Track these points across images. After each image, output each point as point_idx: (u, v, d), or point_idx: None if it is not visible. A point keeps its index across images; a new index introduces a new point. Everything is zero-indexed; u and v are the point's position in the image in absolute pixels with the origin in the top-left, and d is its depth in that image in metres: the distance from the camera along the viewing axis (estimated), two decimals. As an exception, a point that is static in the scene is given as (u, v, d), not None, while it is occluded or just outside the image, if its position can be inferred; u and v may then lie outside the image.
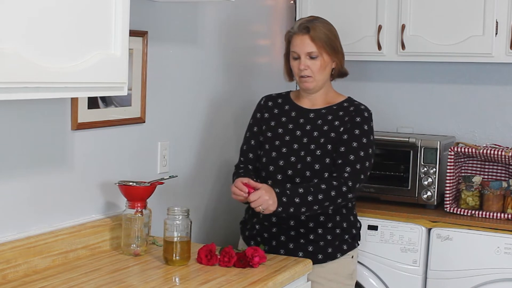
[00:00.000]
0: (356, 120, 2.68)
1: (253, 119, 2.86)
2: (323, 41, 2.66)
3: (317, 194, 2.55)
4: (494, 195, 3.27)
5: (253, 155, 2.80)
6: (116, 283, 2.20)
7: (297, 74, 2.71)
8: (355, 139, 2.66)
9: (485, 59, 3.34)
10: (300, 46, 2.67)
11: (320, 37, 2.66)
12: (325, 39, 2.67)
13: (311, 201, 2.54)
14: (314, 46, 2.66)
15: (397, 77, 3.85)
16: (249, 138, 2.83)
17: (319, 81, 2.70)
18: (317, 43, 2.66)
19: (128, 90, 2.31)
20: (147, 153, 2.86)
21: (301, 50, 2.67)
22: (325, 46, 2.66)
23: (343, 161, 2.63)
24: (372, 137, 2.71)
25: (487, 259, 3.10)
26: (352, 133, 2.66)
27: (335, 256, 2.70)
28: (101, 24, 1.97)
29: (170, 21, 2.93)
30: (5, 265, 2.18)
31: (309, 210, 2.57)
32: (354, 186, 2.62)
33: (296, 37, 2.69)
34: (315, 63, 2.67)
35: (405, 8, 3.43)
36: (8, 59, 1.68)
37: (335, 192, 2.58)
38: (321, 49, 2.66)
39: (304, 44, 2.66)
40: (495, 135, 3.62)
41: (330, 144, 2.66)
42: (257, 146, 2.79)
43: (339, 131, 2.67)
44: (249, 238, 2.79)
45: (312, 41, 2.66)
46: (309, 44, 2.66)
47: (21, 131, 2.28)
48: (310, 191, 2.55)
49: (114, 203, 2.67)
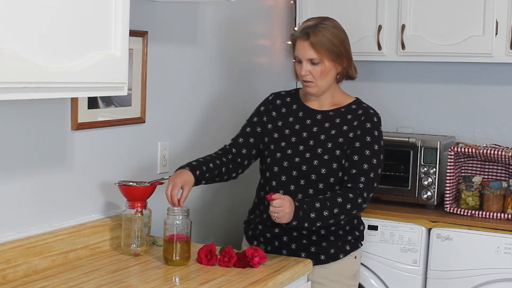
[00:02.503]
0: (366, 126, 2.65)
1: (256, 111, 2.82)
2: (324, 48, 2.59)
3: (333, 209, 2.53)
4: (494, 195, 3.27)
5: (243, 140, 2.75)
6: (116, 283, 2.20)
7: (300, 78, 2.68)
8: (367, 147, 2.63)
9: (485, 59, 3.34)
10: (301, 51, 2.62)
11: (322, 43, 2.59)
12: (327, 45, 2.59)
13: (327, 215, 2.53)
14: (314, 53, 2.59)
15: (397, 77, 3.85)
16: (245, 126, 2.80)
17: (321, 86, 2.65)
18: (317, 49, 2.59)
19: (128, 90, 2.31)
20: (147, 153, 2.86)
21: (303, 56, 2.62)
22: (327, 53, 2.59)
23: (357, 170, 2.60)
24: (382, 142, 2.68)
25: (487, 259, 3.10)
26: (364, 141, 2.63)
27: (338, 256, 2.69)
28: (101, 24, 1.97)
29: (170, 21, 2.93)
30: (5, 265, 2.18)
31: (324, 223, 2.56)
32: (368, 196, 2.62)
33: (298, 42, 2.63)
34: (316, 69, 2.61)
35: (405, 8, 3.43)
36: (8, 59, 1.68)
37: (351, 205, 2.57)
38: (322, 56, 2.59)
39: (304, 50, 2.61)
40: (495, 135, 3.62)
41: (339, 149, 2.63)
42: (252, 135, 2.76)
43: (349, 136, 2.65)
44: (252, 238, 2.78)
45: (313, 47, 2.59)
46: (309, 51, 2.60)
47: (21, 131, 2.28)
48: (326, 205, 2.52)
49: (114, 203, 2.67)
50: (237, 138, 2.79)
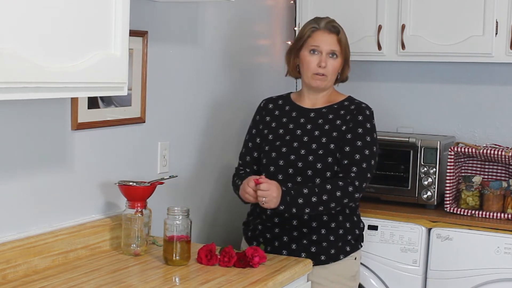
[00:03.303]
0: (358, 119, 2.68)
1: (253, 122, 2.86)
2: (345, 46, 2.72)
3: (321, 195, 2.55)
4: (494, 195, 3.27)
5: (250, 158, 2.80)
6: (116, 283, 2.20)
7: (312, 71, 2.70)
8: (359, 137, 2.65)
9: (485, 59, 3.34)
10: (326, 42, 2.69)
11: (344, 42, 2.72)
12: (346, 44, 2.73)
13: (315, 202, 2.54)
14: (338, 46, 2.70)
15: (397, 77, 3.84)
16: (247, 141, 2.83)
17: (330, 81, 2.73)
18: (341, 45, 2.71)
19: (128, 90, 2.31)
20: (147, 153, 2.86)
21: (326, 47, 2.69)
22: (344, 51, 2.72)
23: (349, 161, 2.62)
24: (375, 135, 2.71)
25: (487, 259, 3.10)
26: (356, 132, 2.66)
27: (338, 257, 2.69)
28: (101, 24, 1.97)
29: (170, 21, 2.93)
30: (5, 265, 2.18)
31: (314, 210, 2.57)
32: (361, 185, 2.62)
33: (322, 34, 2.70)
34: (334, 63, 2.70)
35: (405, 8, 3.43)
36: (8, 59, 1.68)
37: (341, 193, 2.57)
38: (342, 52, 2.71)
39: (330, 42, 2.69)
40: (495, 135, 3.62)
41: (333, 143, 2.66)
42: (254, 148, 2.79)
43: (341, 130, 2.67)
44: (251, 238, 2.79)
45: (338, 42, 2.70)
46: (335, 43, 2.69)
47: (21, 131, 2.28)
48: (314, 192, 2.55)
49: (114, 203, 2.67)
50: (244, 157, 2.82)
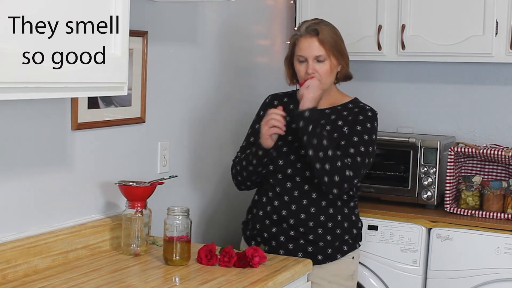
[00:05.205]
0: (358, 118, 2.66)
1: (256, 116, 2.83)
2: (331, 44, 2.62)
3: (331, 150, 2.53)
4: (494, 195, 3.27)
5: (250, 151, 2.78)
6: (116, 283, 2.20)
7: (304, 78, 2.65)
8: (356, 134, 2.63)
9: (485, 59, 3.34)
10: (308, 49, 2.62)
11: (328, 40, 2.62)
12: (332, 42, 2.63)
13: (323, 146, 2.52)
14: (322, 49, 2.61)
15: (397, 77, 3.85)
16: (249, 135, 2.82)
17: (325, 84, 2.66)
18: (325, 46, 2.61)
19: (128, 90, 2.31)
20: (147, 153, 2.86)
21: (309, 54, 2.62)
22: (332, 50, 2.63)
23: (342, 153, 2.59)
24: (375, 136, 2.68)
25: (487, 259, 3.10)
26: (354, 129, 2.64)
27: (335, 257, 2.69)
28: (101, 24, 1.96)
29: (170, 21, 2.93)
30: (5, 265, 2.18)
31: (316, 151, 2.53)
32: (353, 177, 2.58)
33: (304, 40, 2.63)
34: (323, 66, 2.63)
35: (405, 8, 3.43)
36: (8, 59, 1.68)
37: (340, 165, 2.53)
38: (329, 52, 2.62)
39: (312, 47, 2.62)
40: (495, 135, 3.62)
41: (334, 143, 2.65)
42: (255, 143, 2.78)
43: (342, 130, 2.66)
44: (250, 238, 2.79)
45: (321, 44, 2.61)
46: (317, 47, 2.62)
47: (21, 131, 2.28)
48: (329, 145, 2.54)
49: (114, 203, 2.67)
50: (244, 150, 2.79)
